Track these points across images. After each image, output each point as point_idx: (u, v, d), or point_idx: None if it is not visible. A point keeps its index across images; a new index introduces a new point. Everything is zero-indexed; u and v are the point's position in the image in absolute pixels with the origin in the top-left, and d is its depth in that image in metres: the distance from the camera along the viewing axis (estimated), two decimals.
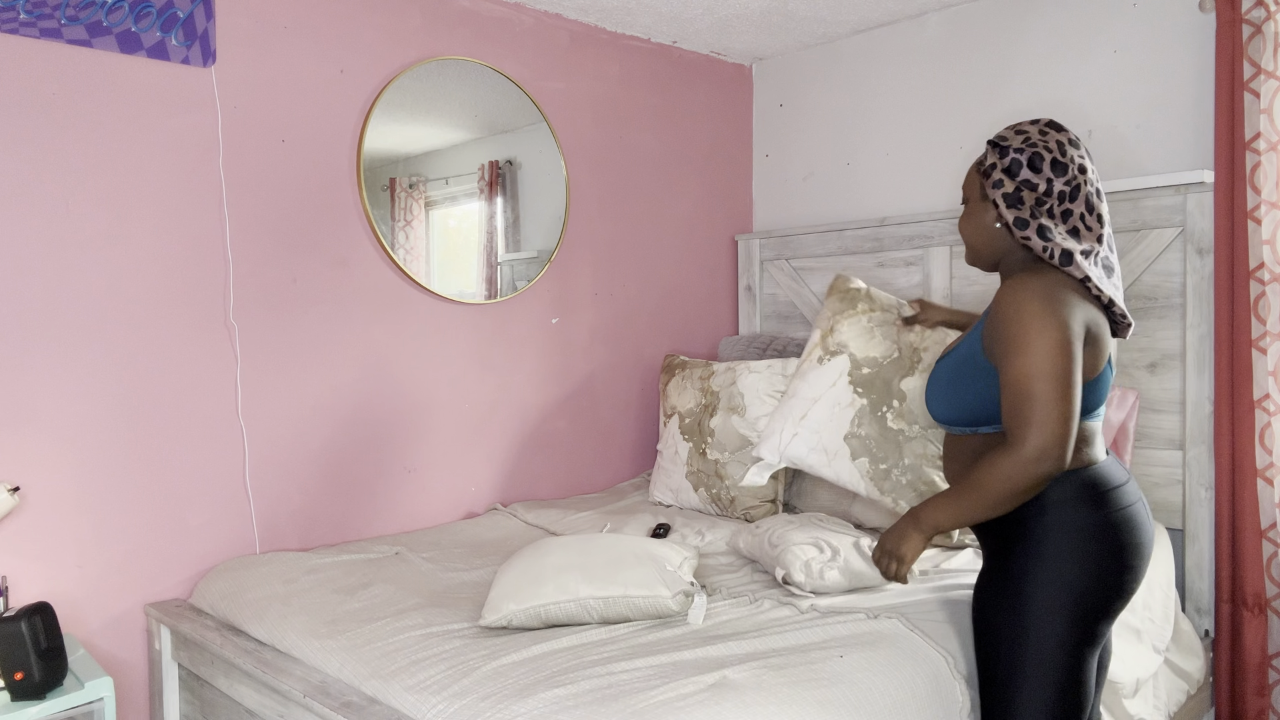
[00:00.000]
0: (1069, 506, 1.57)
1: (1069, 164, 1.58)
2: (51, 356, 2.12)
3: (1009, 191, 1.59)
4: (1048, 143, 1.59)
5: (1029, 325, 1.48)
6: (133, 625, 2.26)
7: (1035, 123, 1.64)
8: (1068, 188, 1.58)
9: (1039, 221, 1.57)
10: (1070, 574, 1.55)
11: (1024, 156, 1.58)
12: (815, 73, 3.49)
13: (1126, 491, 1.62)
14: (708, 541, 2.49)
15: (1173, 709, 2.36)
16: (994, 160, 1.62)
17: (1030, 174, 1.58)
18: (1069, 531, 1.56)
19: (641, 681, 1.54)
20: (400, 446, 2.73)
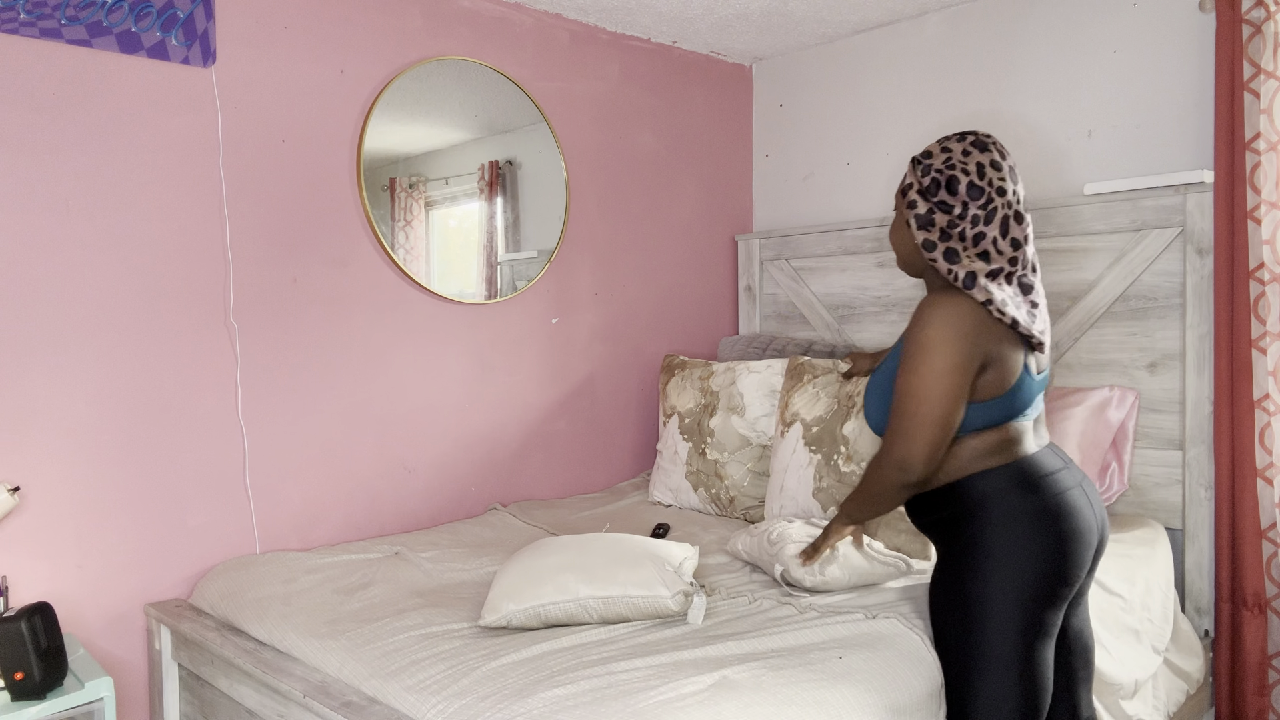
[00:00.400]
0: (1002, 497, 1.63)
1: (985, 187, 1.61)
2: (51, 356, 2.12)
3: (921, 213, 1.65)
4: (967, 164, 1.62)
5: (922, 347, 1.58)
6: (133, 625, 2.26)
7: (963, 139, 1.66)
8: (982, 211, 1.61)
9: (948, 245, 1.63)
10: (1008, 562, 1.61)
11: (942, 178, 1.62)
12: (815, 73, 3.49)
13: (1060, 478, 1.67)
14: (707, 541, 2.49)
15: (1172, 709, 2.36)
16: (911, 180, 1.67)
17: (946, 196, 1.62)
18: (1004, 521, 1.62)
19: (641, 681, 1.54)
20: (400, 446, 2.73)
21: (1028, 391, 1.67)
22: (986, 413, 1.63)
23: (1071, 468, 1.72)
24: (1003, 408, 1.64)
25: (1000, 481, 1.64)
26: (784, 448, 2.61)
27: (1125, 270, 2.62)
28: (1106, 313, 2.67)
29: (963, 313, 1.58)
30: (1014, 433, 1.67)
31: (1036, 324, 1.66)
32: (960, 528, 1.66)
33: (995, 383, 1.62)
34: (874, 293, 3.23)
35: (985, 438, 1.65)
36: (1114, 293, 2.65)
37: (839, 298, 3.33)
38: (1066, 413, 2.62)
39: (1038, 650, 1.63)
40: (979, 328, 1.58)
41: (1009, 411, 1.65)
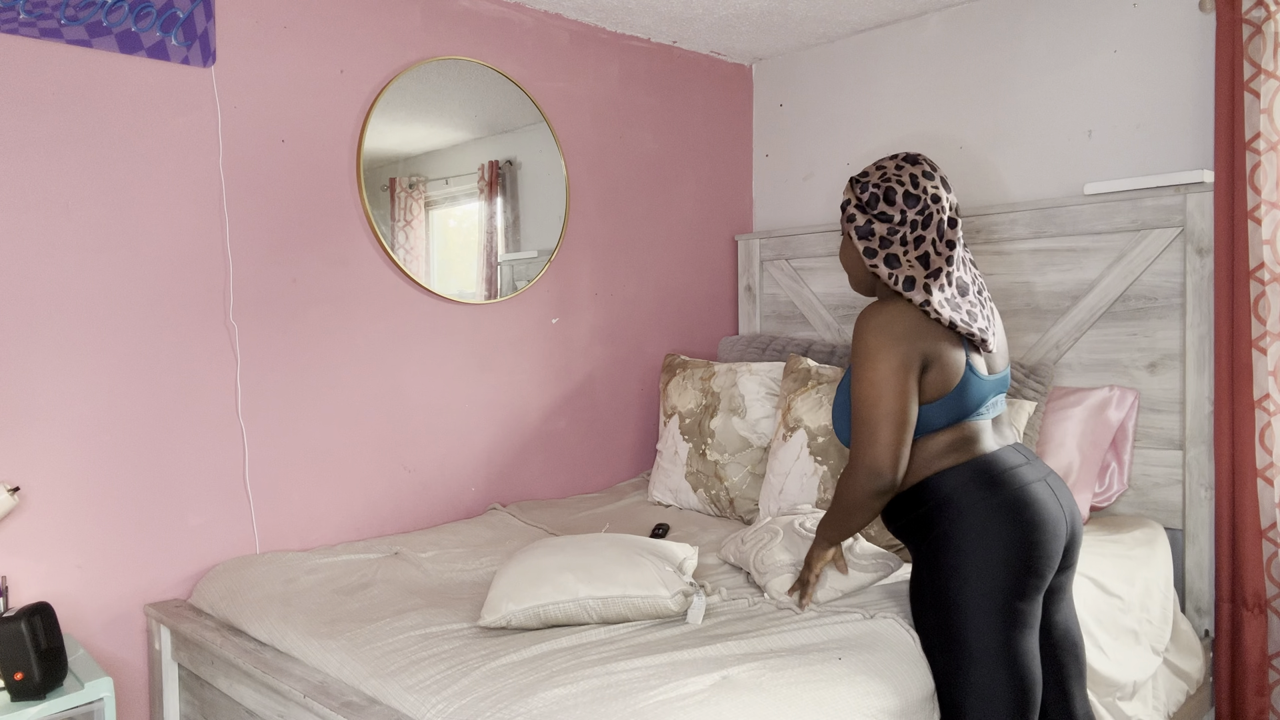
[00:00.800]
0: (964, 494, 1.68)
1: (921, 195, 1.72)
2: (52, 356, 2.12)
3: (860, 225, 1.74)
4: (901, 176, 1.73)
5: (865, 355, 1.67)
6: (133, 625, 2.26)
7: (894, 157, 1.77)
8: (920, 217, 1.71)
9: (889, 251, 1.72)
10: (977, 557, 1.65)
11: (880, 191, 1.73)
12: (815, 73, 3.49)
13: (1021, 473, 1.72)
14: (706, 542, 2.49)
15: (1172, 709, 2.36)
16: (848, 196, 1.79)
17: (885, 206, 1.72)
18: (968, 517, 1.67)
19: (641, 681, 1.54)
20: (400, 446, 2.73)
21: (976, 391, 1.73)
22: (937, 413, 1.70)
23: (1034, 463, 1.77)
24: (952, 407, 1.70)
25: (961, 479, 1.70)
26: (786, 452, 2.60)
27: (1125, 270, 2.62)
28: (1107, 313, 2.67)
29: (895, 316, 1.67)
30: (970, 432, 1.73)
31: (977, 322, 1.72)
32: (929, 528, 1.72)
33: (939, 382, 1.69)
34: None
35: (940, 438, 1.72)
36: (1114, 293, 2.65)
37: (839, 298, 3.33)
38: (1066, 413, 2.62)
39: (1018, 641, 1.66)
40: (914, 329, 1.67)
41: (959, 411, 1.71)
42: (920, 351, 1.66)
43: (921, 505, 1.73)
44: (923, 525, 1.73)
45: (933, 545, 1.71)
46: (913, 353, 1.65)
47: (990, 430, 1.77)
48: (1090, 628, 2.08)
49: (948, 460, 1.72)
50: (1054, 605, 1.82)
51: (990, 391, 1.76)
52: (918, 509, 1.74)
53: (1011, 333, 2.87)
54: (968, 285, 1.76)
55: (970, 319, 1.71)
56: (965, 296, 1.74)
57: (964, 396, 1.71)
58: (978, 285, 1.80)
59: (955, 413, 1.71)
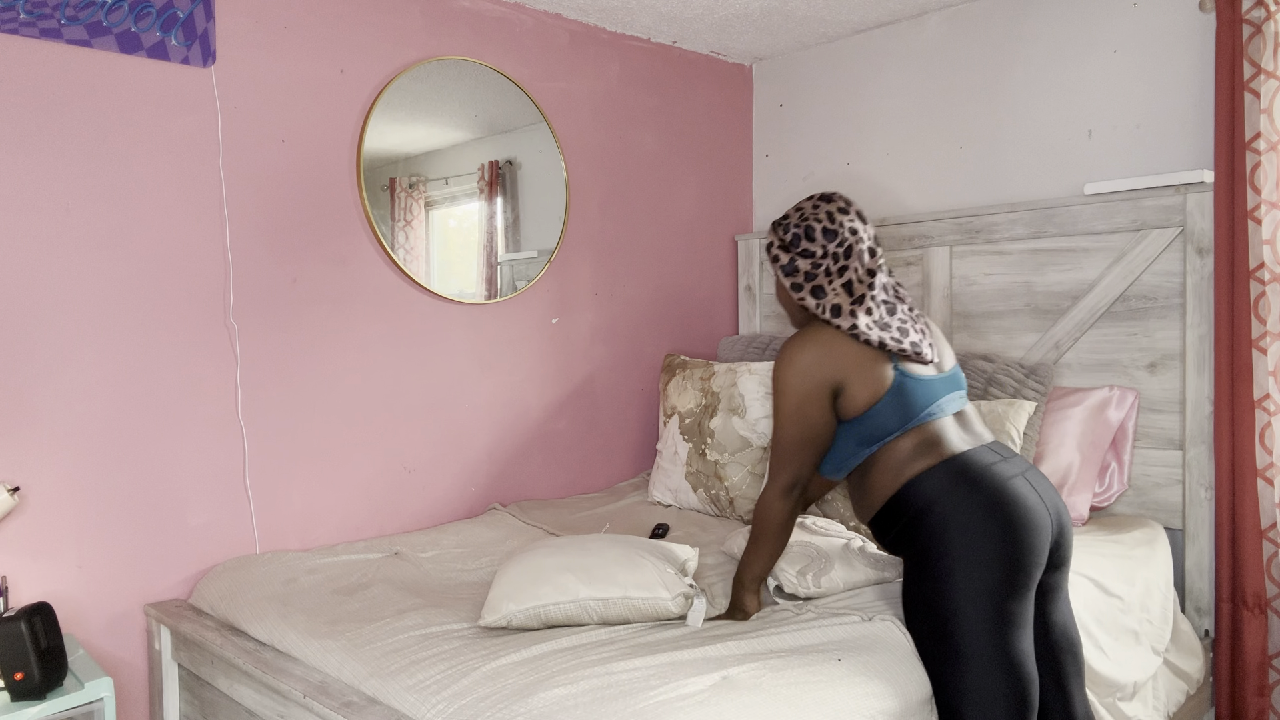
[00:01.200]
0: (944, 496, 1.72)
1: (839, 229, 1.84)
2: (51, 356, 2.12)
3: (785, 264, 1.86)
4: (818, 214, 1.85)
5: (776, 389, 1.83)
6: (133, 625, 2.26)
7: (810, 198, 1.89)
8: (840, 249, 1.84)
9: (814, 283, 1.84)
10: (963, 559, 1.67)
11: (800, 230, 1.85)
12: (815, 73, 3.49)
13: (998, 470, 1.75)
14: (706, 542, 2.48)
15: (1172, 709, 2.36)
16: (771, 239, 1.90)
17: (806, 244, 1.84)
18: (951, 519, 1.70)
19: (641, 682, 1.54)
20: (400, 446, 2.73)
21: (922, 391, 1.79)
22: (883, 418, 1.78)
23: (1011, 460, 1.80)
24: (897, 410, 1.77)
25: (938, 482, 1.73)
26: None
27: (1125, 270, 2.62)
28: (1107, 313, 2.67)
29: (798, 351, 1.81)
30: (932, 433, 1.78)
31: (909, 338, 1.82)
32: (914, 535, 1.74)
33: (861, 397, 1.78)
34: None
35: (903, 443, 1.78)
36: (1114, 293, 2.65)
37: None
38: (1066, 413, 2.62)
39: (1011, 642, 1.66)
40: (820, 359, 1.79)
41: (908, 411, 1.77)
42: (828, 379, 1.78)
43: (903, 515, 1.76)
44: (907, 534, 1.76)
45: (919, 552, 1.73)
46: (819, 383, 1.78)
47: (955, 429, 1.82)
48: (1090, 628, 2.08)
49: (919, 464, 1.76)
50: (1050, 605, 1.82)
51: (941, 389, 1.82)
52: (900, 519, 1.76)
53: (1011, 333, 2.87)
54: (896, 305, 1.86)
55: (901, 334, 1.81)
56: (895, 315, 1.84)
57: (906, 399, 1.78)
58: (908, 304, 1.89)
59: (904, 414, 1.77)
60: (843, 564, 1.98)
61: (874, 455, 1.81)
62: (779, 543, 1.87)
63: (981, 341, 2.94)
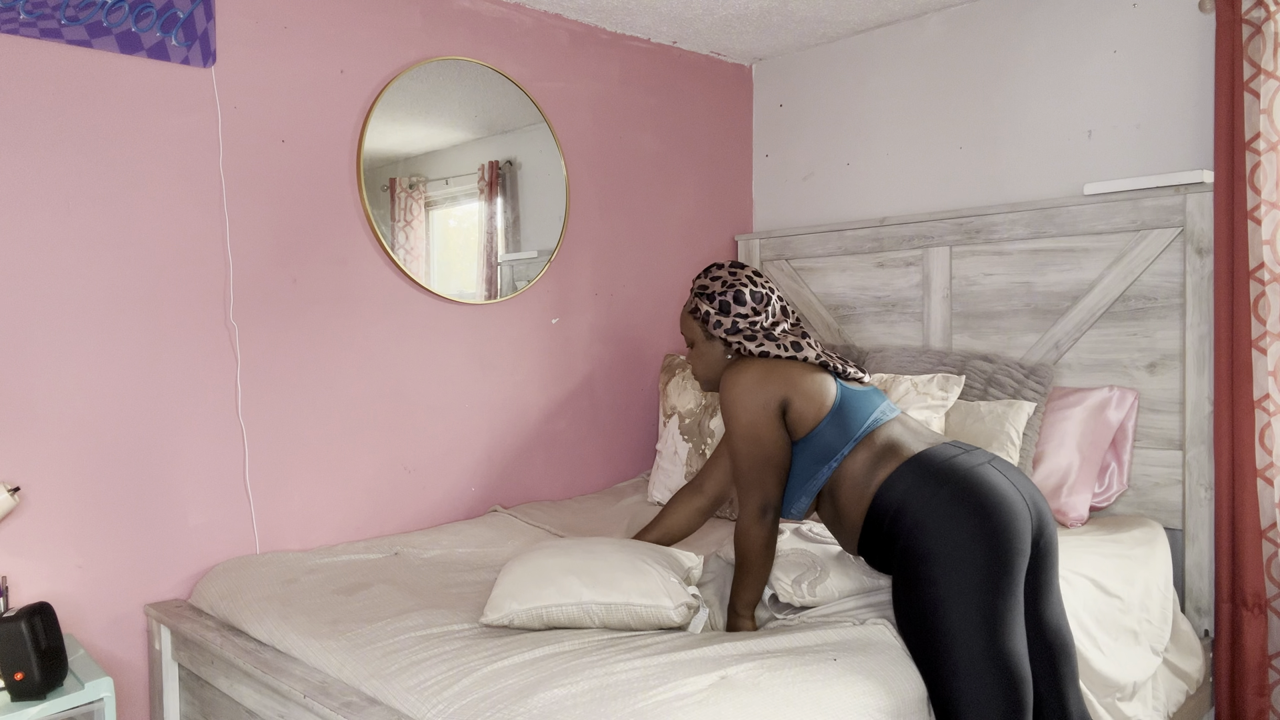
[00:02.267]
0: (913, 496, 1.72)
1: (763, 290, 2.00)
2: (52, 356, 2.12)
3: (729, 326, 1.97)
4: (739, 279, 1.99)
5: (728, 413, 1.88)
6: (133, 625, 2.26)
7: (722, 266, 2.03)
8: (763, 304, 1.99)
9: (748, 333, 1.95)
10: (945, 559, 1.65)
11: (729, 295, 1.98)
12: (815, 73, 3.49)
13: (960, 461, 1.76)
14: (706, 543, 2.49)
15: (1171, 710, 2.36)
16: (707, 308, 2.00)
17: (737, 308, 1.97)
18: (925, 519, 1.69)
19: (640, 682, 1.54)
20: (400, 446, 2.73)
21: (862, 402, 1.87)
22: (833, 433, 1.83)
23: (973, 451, 1.80)
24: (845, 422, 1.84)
25: (904, 483, 1.74)
26: None
27: (1125, 270, 2.62)
28: (1107, 313, 2.67)
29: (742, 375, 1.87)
30: (884, 439, 1.83)
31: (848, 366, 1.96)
32: (893, 544, 1.74)
33: (810, 410, 1.84)
34: (874, 293, 3.23)
35: (859, 456, 1.82)
36: (1114, 293, 2.65)
37: (838, 298, 3.33)
38: (1066, 413, 2.62)
39: (1003, 641, 1.64)
40: (764, 377, 1.86)
41: (855, 421, 1.84)
42: (775, 396, 1.84)
43: (881, 524, 1.76)
44: (888, 544, 1.75)
45: (901, 559, 1.72)
46: (768, 398, 1.84)
47: (905, 433, 1.85)
48: (1090, 628, 2.08)
49: (881, 472, 1.78)
50: (1041, 603, 1.80)
51: (877, 398, 1.90)
52: (879, 530, 1.76)
53: (1011, 333, 2.87)
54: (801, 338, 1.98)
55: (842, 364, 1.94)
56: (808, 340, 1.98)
57: (851, 409, 1.85)
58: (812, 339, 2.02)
59: (851, 424, 1.83)
60: (838, 572, 1.97)
61: (835, 476, 1.84)
62: (764, 567, 1.87)
63: (981, 342, 2.95)
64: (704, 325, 2.00)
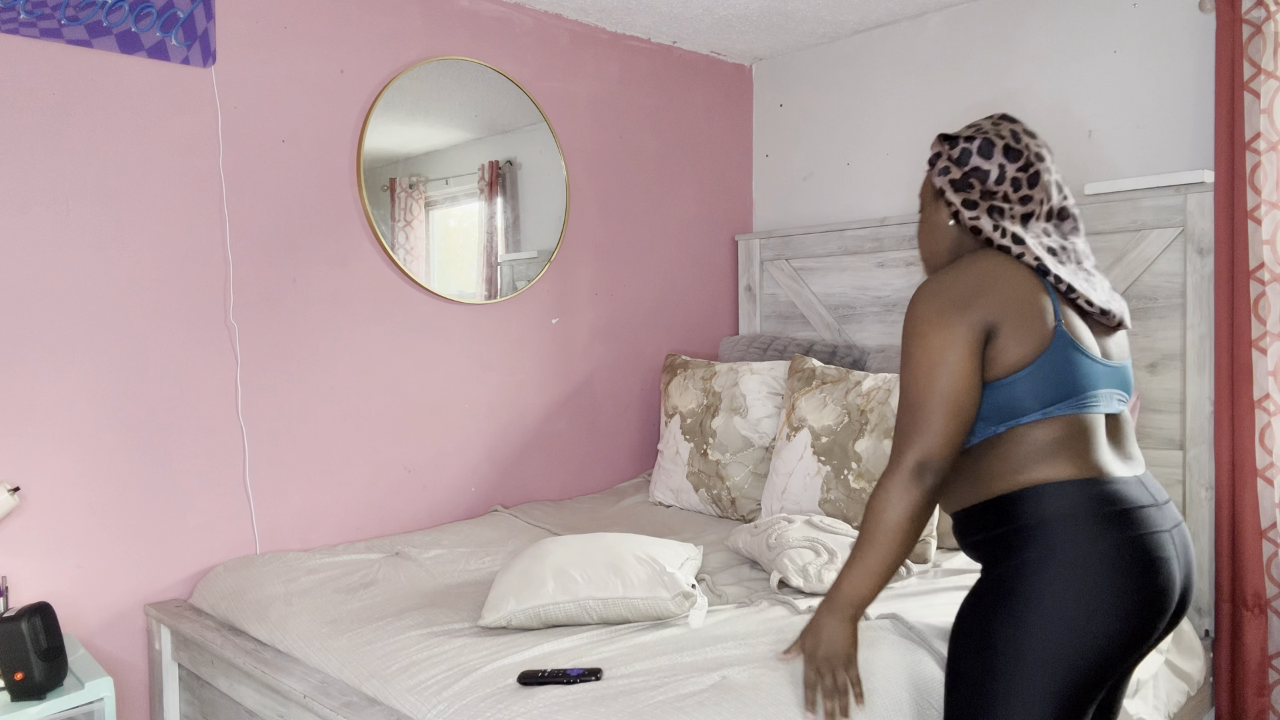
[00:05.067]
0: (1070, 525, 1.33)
1: (1024, 150, 1.46)
2: (51, 356, 2.12)
3: (956, 179, 1.48)
4: (1000, 130, 1.48)
5: (912, 331, 1.40)
6: (133, 625, 2.26)
7: (989, 117, 1.54)
8: (1023, 174, 1.46)
9: (992, 203, 1.46)
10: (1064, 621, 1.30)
11: (974, 145, 1.47)
12: (815, 73, 3.49)
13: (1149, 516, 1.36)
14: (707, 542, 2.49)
15: (1172, 710, 2.35)
16: (939, 149, 1.52)
17: (981, 160, 1.46)
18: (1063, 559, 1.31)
19: (641, 682, 1.54)
20: (400, 446, 2.73)
21: (1083, 370, 1.38)
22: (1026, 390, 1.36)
23: (1165, 507, 1.40)
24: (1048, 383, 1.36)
25: (1071, 502, 1.33)
26: (789, 452, 2.60)
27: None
28: None
29: (956, 277, 1.40)
30: (1081, 430, 1.37)
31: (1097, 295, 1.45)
32: (1005, 555, 1.36)
33: (1012, 353, 1.36)
34: (874, 293, 3.23)
35: (1039, 432, 1.37)
36: None
37: (839, 298, 3.33)
38: None
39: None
40: (976, 291, 1.38)
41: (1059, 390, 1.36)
42: (984, 317, 1.36)
43: (1004, 523, 1.37)
44: (999, 549, 1.38)
45: (1002, 579, 1.35)
46: (974, 321, 1.36)
47: (1107, 441, 1.41)
48: None
49: (1051, 469, 1.36)
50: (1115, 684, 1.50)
51: (1103, 380, 1.41)
52: (999, 526, 1.38)
53: None
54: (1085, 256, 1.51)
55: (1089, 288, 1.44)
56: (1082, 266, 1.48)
57: (1063, 369, 1.37)
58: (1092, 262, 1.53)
59: (1053, 392, 1.36)
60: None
61: (997, 439, 1.39)
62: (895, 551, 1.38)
63: None
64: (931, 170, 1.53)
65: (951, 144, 1.50)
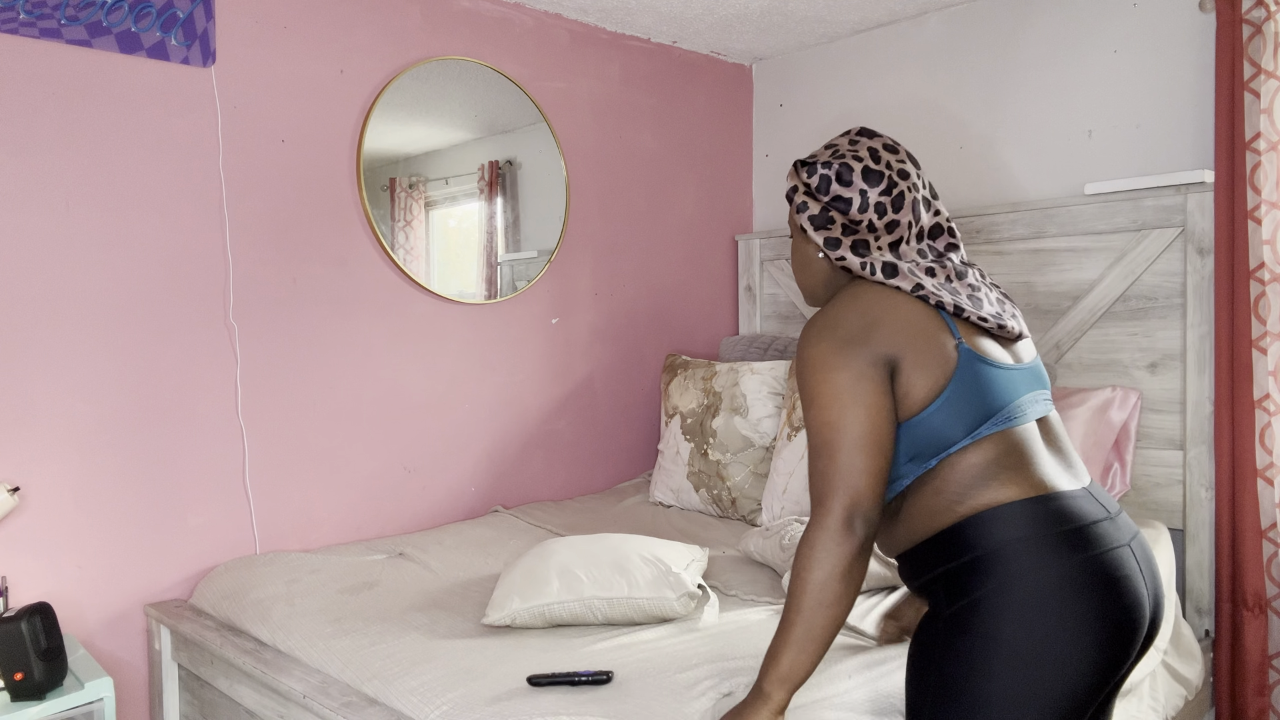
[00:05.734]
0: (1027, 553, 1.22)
1: (884, 170, 1.38)
2: (51, 356, 2.12)
3: (815, 214, 1.40)
4: (857, 151, 1.40)
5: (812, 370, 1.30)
6: (133, 625, 2.26)
7: (846, 134, 1.45)
8: (886, 198, 1.37)
9: (854, 238, 1.38)
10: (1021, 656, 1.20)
11: (831, 171, 1.38)
12: (815, 73, 3.49)
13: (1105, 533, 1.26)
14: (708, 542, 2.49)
15: (1170, 713, 2.35)
16: (795, 183, 1.43)
17: (840, 188, 1.37)
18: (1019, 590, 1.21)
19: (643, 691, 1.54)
20: (400, 446, 2.73)
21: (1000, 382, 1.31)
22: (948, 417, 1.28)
23: (1119, 519, 1.31)
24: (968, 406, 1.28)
25: (1019, 524, 1.23)
26: (790, 452, 2.60)
27: (1126, 270, 2.62)
28: (1107, 313, 2.67)
29: (842, 317, 1.32)
30: (1015, 446, 1.29)
31: (986, 307, 1.37)
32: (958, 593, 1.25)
33: (919, 385, 1.28)
34: None
35: (971, 457, 1.28)
36: (1115, 293, 2.65)
37: None
38: (1069, 413, 2.61)
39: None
40: (869, 325, 1.30)
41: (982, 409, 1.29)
42: (881, 350, 1.28)
43: (952, 557, 1.26)
44: (951, 586, 1.26)
45: (959, 620, 1.24)
46: (874, 355, 1.28)
47: (1046, 452, 1.33)
48: None
49: (993, 492, 1.26)
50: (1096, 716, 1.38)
51: (1022, 385, 1.34)
52: (947, 561, 1.27)
53: None
54: (966, 270, 1.43)
55: (975, 304, 1.36)
56: (964, 280, 1.41)
57: (978, 388, 1.29)
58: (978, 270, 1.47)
59: (976, 413, 1.28)
60: None
61: (931, 473, 1.29)
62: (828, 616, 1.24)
63: None
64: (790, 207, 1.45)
65: (809, 171, 1.41)
